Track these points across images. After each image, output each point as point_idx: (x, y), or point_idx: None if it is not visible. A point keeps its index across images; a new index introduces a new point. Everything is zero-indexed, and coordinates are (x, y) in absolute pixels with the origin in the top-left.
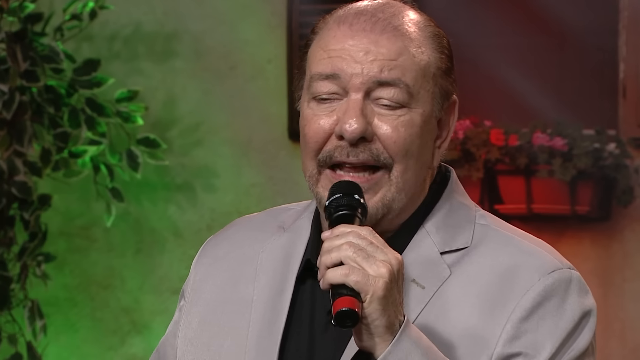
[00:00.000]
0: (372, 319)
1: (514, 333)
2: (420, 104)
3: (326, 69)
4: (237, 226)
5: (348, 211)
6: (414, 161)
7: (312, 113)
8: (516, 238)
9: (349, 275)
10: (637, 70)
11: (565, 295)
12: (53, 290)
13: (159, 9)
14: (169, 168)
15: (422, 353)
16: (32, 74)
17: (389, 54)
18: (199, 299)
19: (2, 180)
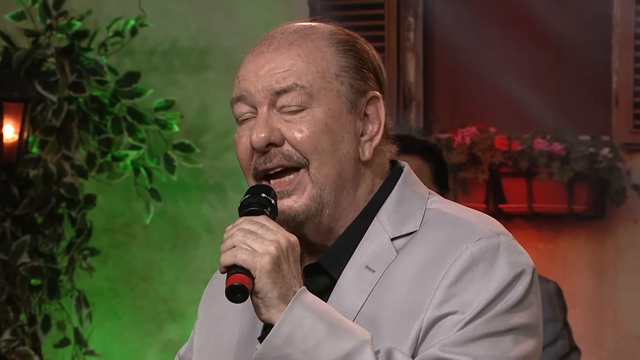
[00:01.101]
0: (265, 292)
1: (442, 298)
2: (324, 102)
3: (237, 92)
4: None
5: (256, 207)
6: (328, 156)
7: (237, 136)
8: (454, 215)
9: (237, 255)
10: (628, 82)
11: (493, 260)
12: (97, 282)
13: (193, 26)
14: (202, 170)
15: (315, 316)
16: (78, 86)
17: (281, 65)
18: (208, 314)
19: (52, 181)
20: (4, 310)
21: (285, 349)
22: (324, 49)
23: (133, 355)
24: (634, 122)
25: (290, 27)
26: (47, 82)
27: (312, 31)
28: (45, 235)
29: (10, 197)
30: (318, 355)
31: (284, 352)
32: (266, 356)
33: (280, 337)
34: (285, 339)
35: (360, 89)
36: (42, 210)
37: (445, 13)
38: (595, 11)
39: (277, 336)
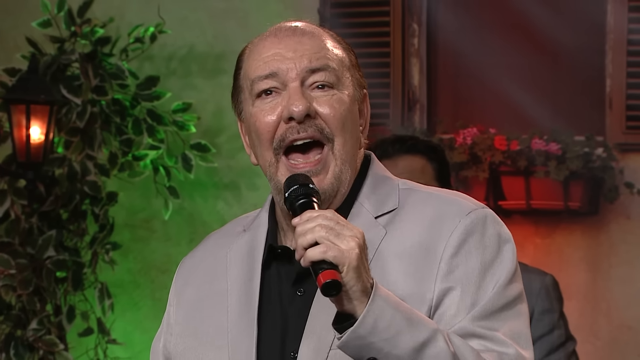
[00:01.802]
0: (350, 285)
1: (447, 269)
2: (346, 87)
3: (264, 70)
4: (206, 239)
5: (306, 199)
6: (349, 135)
7: (258, 110)
8: (435, 193)
9: (327, 252)
10: (621, 85)
11: (483, 230)
12: (119, 274)
13: (210, 33)
14: (218, 169)
15: (393, 308)
16: (101, 89)
17: (312, 48)
18: (181, 301)
19: (76, 179)
20: (31, 301)
21: (369, 338)
22: (337, 44)
23: None
24: (627, 124)
25: (299, 22)
26: (72, 86)
27: (324, 28)
28: (70, 230)
29: (37, 195)
30: (398, 344)
31: (368, 340)
32: (350, 344)
33: (365, 327)
34: (370, 328)
35: (360, 85)
36: (67, 207)
37: (448, 20)
38: (589, 18)
39: (363, 326)
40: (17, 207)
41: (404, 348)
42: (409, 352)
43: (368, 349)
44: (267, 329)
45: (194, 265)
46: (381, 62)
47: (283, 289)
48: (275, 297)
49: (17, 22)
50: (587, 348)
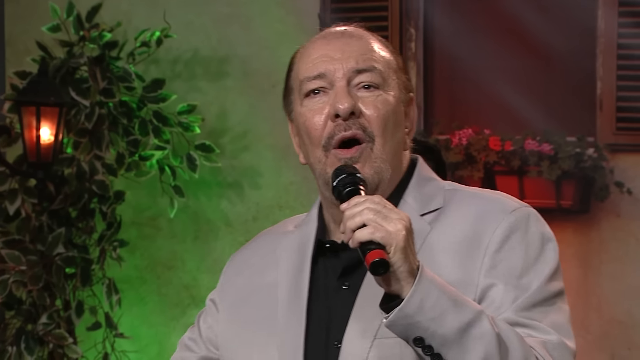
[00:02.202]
0: (397, 266)
1: (491, 263)
2: (391, 88)
3: (313, 71)
4: (257, 237)
5: (353, 186)
6: (390, 136)
7: (307, 110)
8: (479, 192)
9: (374, 233)
10: (611, 88)
11: (526, 228)
12: (126, 270)
13: (214, 37)
14: (222, 169)
15: (439, 288)
16: (109, 91)
17: (359, 50)
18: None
19: (85, 179)
20: (41, 297)
21: (416, 317)
22: (384, 47)
23: (159, 338)
24: (617, 125)
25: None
26: (80, 89)
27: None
28: (78, 228)
29: (46, 194)
30: (444, 323)
31: (414, 319)
32: (397, 323)
33: (412, 307)
34: (417, 308)
35: (407, 88)
36: (75, 205)
37: (444, 25)
38: (581, 23)
39: (409, 305)
40: (28, 206)
41: (450, 327)
42: (454, 332)
43: (414, 328)
44: (313, 320)
45: (244, 259)
46: None
47: (329, 283)
48: (322, 290)
49: (27, 26)
50: (578, 342)
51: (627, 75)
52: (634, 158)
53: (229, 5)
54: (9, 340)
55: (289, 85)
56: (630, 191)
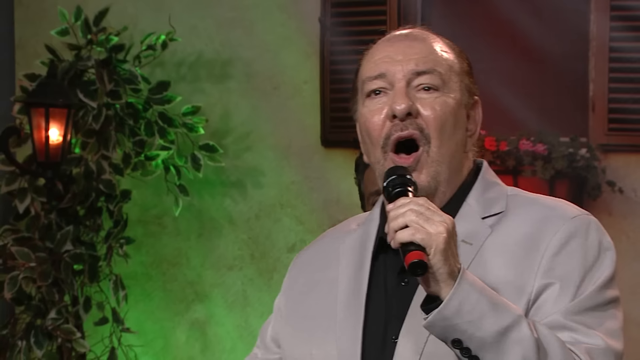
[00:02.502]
0: (437, 267)
1: (548, 266)
2: (452, 90)
3: (374, 71)
4: (323, 235)
5: (402, 188)
6: (448, 137)
7: (367, 110)
8: (541, 199)
9: (415, 234)
10: (603, 90)
11: (586, 235)
12: (132, 267)
13: (217, 40)
14: (225, 168)
15: (479, 292)
16: (115, 93)
17: (421, 52)
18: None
19: (92, 178)
20: (50, 292)
21: (454, 320)
22: (449, 50)
23: (164, 332)
24: (609, 126)
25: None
26: (88, 90)
27: (440, 37)
28: (86, 225)
29: (55, 192)
30: (482, 327)
31: (452, 322)
32: (435, 325)
33: (450, 309)
34: (455, 310)
35: (470, 91)
36: (83, 204)
37: (441, 28)
38: (574, 27)
39: (448, 308)
40: (37, 204)
41: (488, 331)
42: (492, 335)
43: (452, 330)
44: (371, 315)
45: (309, 257)
46: None
47: (388, 279)
48: (381, 286)
49: (37, 30)
50: None
51: (619, 78)
52: (625, 158)
53: (232, 10)
54: (19, 335)
55: (355, 87)
56: (622, 190)
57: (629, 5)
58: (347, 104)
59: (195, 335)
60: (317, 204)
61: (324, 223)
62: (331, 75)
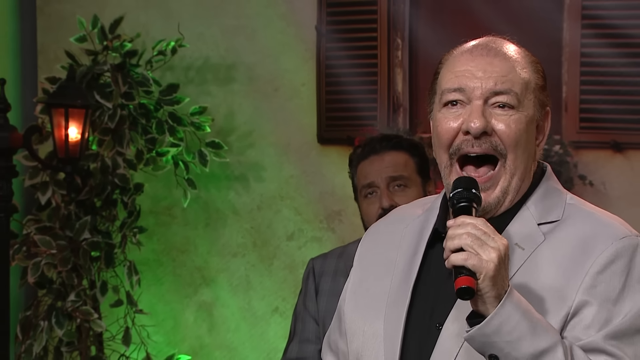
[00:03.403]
0: (484, 292)
1: (591, 283)
2: (525, 108)
3: (454, 84)
4: (392, 213)
5: (467, 203)
6: (522, 151)
7: (443, 117)
8: (597, 214)
9: (467, 260)
10: (575, 92)
11: (633, 256)
12: (145, 254)
13: (222, 47)
14: (229, 164)
15: (521, 314)
16: (129, 95)
17: (501, 71)
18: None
19: (108, 172)
20: (69, 277)
21: (493, 337)
22: (527, 66)
23: (173, 313)
24: (580, 125)
25: (498, 40)
26: (104, 92)
27: (516, 48)
28: (102, 216)
29: (74, 186)
30: (519, 348)
31: (491, 339)
32: (476, 339)
33: (491, 328)
34: (495, 329)
35: (542, 104)
36: (100, 196)
37: (427, 36)
38: (548, 35)
39: (489, 326)
40: (58, 197)
41: (523, 352)
42: (527, 357)
43: (490, 346)
44: (420, 300)
45: (378, 234)
46: (370, 71)
47: (440, 268)
48: (433, 274)
49: (57, 37)
50: None
51: (589, 81)
52: (595, 154)
53: (236, 18)
54: (42, 316)
55: (434, 88)
56: (592, 183)
57: (598, 14)
58: (342, 104)
59: (203, 316)
60: (314, 196)
61: (320, 213)
62: (327, 78)
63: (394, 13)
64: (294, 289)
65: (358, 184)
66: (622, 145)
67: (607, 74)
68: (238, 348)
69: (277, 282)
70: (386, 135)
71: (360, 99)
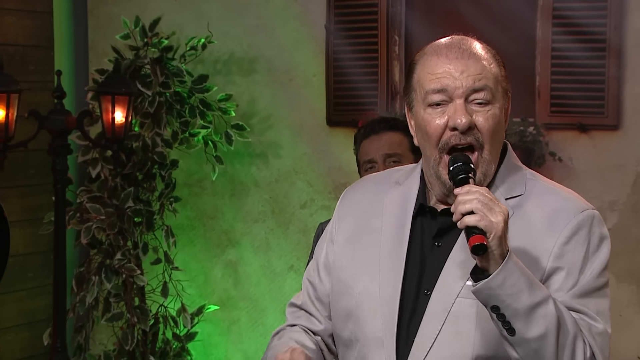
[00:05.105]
0: (493, 249)
1: (559, 252)
2: (497, 100)
3: (437, 86)
4: (364, 181)
5: (465, 174)
6: (496, 140)
7: (429, 116)
8: (557, 189)
9: (480, 221)
10: (547, 81)
11: (591, 227)
12: (180, 220)
13: (245, 43)
14: (251, 143)
15: (520, 271)
16: (166, 84)
17: (476, 70)
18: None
19: (148, 150)
20: (116, 239)
21: (497, 290)
22: (493, 61)
23: (204, 270)
24: (551, 109)
25: (466, 40)
26: (145, 82)
27: (483, 46)
28: (143, 187)
29: (120, 161)
30: (518, 299)
31: (495, 292)
32: (481, 292)
33: (496, 282)
34: (500, 283)
35: (506, 91)
36: (141, 171)
37: (421, 33)
38: (524, 32)
39: (494, 280)
40: (106, 171)
41: (522, 303)
42: (525, 308)
43: (494, 299)
44: (408, 268)
45: (355, 200)
46: (371, 64)
47: (425, 239)
48: (418, 244)
49: (105, 35)
50: None
51: (559, 71)
52: (563, 134)
53: (257, 19)
54: (93, 272)
55: (410, 85)
56: (561, 159)
57: (567, 14)
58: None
59: (229, 273)
60: (324, 170)
61: (329, 185)
62: (334, 70)
63: (392, 14)
64: (306, 250)
65: (360, 159)
66: (586, 126)
67: (574, 65)
68: (259, 300)
69: (292, 243)
70: (384, 118)
71: (363, 87)
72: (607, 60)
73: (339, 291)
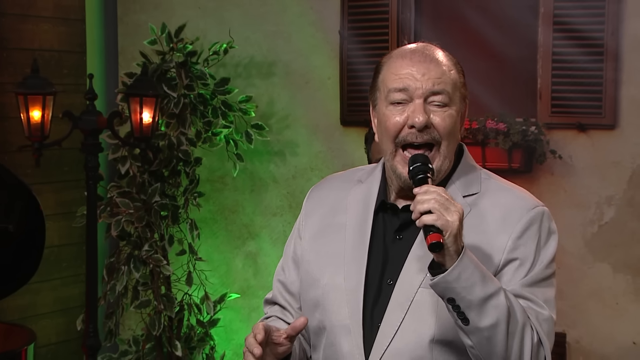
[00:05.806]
0: (448, 246)
1: (513, 246)
2: (455, 104)
3: (399, 85)
4: (329, 180)
5: (424, 175)
6: (452, 139)
7: (390, 113)
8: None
9: (437, 220)
10: (548, 83)
11: (541, 223)
12: (203, 213)
13: (264, 48)
14: (270, 142)
15: (474, 266)
16: (190, 87)
17: (436, 74)
18: (309, 222)
19: (173, 149)
20: (144, 231)
21: (453, 284)
22: (453, 68)
23: (226, 261)
24: (551, 110)
25: (430, 47)
26: (171, 85)
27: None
28: (169, 183)
29: (147, 159)
30: (472, 292)
31: (451, 285)
32: (438, 285)
33: (452, 276)
34: (455, 277)
35: (464, 97)
36: (167, 167)
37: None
38: (526, 37)
39: (451, 275)
40: (134, 167)
41: (476, 295)
42: (478, 299)
43: (450, 291)
44: (372, 260)
45: (321, 197)
46: None
47: (387, 233)
48: (380, 238)
49: (134, 41)
50: None
51: (559, 74)
52: (563, 133)
53: (276, 25)
54: (122, 262)
55: (376, 84)
56: (561, 157)
57: (567, 21)
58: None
59: (249, 263)
60: (338, 167)
61: None
62: (348, 73)
63: (402, 20)
64: None
65: (372, 157)
66: (585, 126)
67: (573, 68)
68: None
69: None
70: None
71: None
72: (604, 63)
73: (307, 283)
